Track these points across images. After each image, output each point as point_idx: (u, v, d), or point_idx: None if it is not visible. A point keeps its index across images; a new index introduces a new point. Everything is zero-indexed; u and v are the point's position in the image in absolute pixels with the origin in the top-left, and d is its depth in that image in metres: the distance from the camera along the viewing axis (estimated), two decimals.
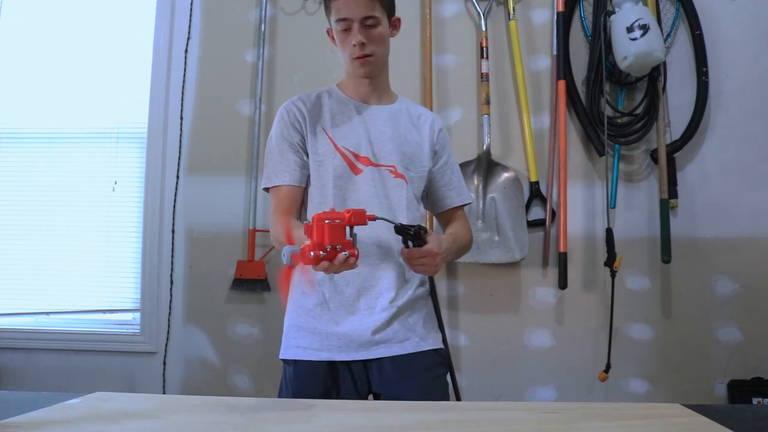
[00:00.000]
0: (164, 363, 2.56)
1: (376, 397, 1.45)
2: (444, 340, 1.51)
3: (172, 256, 2.59)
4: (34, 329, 2.63)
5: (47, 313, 2.66)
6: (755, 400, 2.36)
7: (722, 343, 2.45)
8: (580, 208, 2.52)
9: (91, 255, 2.68)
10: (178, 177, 2.62)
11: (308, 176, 1.49)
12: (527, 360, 2.48)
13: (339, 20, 1.43)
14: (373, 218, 1.23)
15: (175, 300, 2.58)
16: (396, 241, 1.41)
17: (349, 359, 1.41)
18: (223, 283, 2.55)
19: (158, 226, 2.61)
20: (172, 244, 2.60)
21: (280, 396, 1.49)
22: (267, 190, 1.51)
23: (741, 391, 2.39)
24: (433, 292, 1.51)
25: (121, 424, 0.91)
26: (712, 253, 2.48)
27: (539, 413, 1.03)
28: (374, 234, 1.41)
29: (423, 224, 1.46)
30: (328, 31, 1.52)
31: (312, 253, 1.11)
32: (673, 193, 2.46)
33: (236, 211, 2.59)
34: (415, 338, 1.44)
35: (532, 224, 2.49)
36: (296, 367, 1.45)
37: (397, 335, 1.42)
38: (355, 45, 1.43)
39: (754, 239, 2.48)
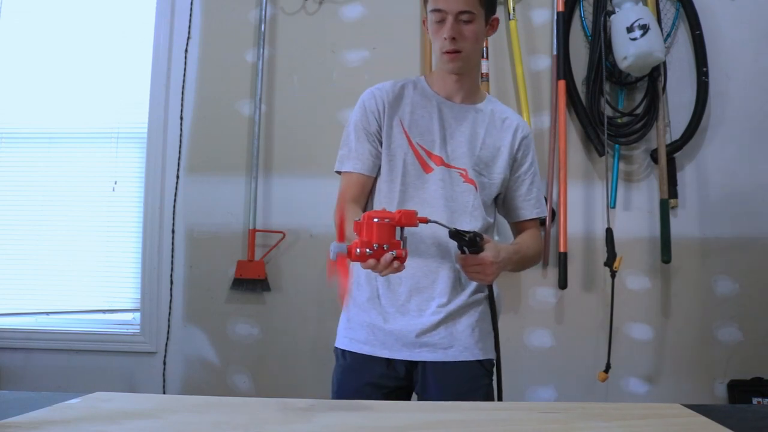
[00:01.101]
0: (164, 363, 2.56)
1: (418, 399, 1.45)
2: (497, 347, 1.47)
3: (172, 256, 2.59)
4: (34, 329, 2.63)
5: (47, 313, 2.66)
6: (755, 400, 2.36)
7: (722, 343, 2.46)
8: (580, 208, 2.52)
9: (91, 255, 2.68)
10: (178, 177, 2.62)
11: (379, 167, 1.47)
12: (527, 360, 2.48)
13: (434, 11, 1.39)
14: (426, 221, 1.21)
15: (175, 300, 2.58)
16: (455, 245, 1.38)
17: (392, 357, 1.41)
18: (223, 283, 2.55)
19: (158, 226, 2.61)
20: (172, 244, 2.60)
21: (332, 385, 1.50)
22: (339, 173, 1.50)
23: (741, 391, 2.39)
24: (491, 300, 1.46)
25: (121, 424, 0.91)
26: (712, 253, 2.48)
27: (539, 413, 1.02)
28: (434, 235, 1.39)
29: (491, 233, 1.45)
30: (423, 21, 1.49)
31: (358, 250, 1.12)
32: (673, 193, 2.47)
33: (236, 211, 2.59)
34: (459, 346, 1.42)
35: None
36: (345, 357, 1.46)
37: (442, 341, 1.41)
38: (446, 38, 1.38)
39: (754, 239, 2.48)
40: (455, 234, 1.29)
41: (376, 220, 1.12)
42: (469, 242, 1.29)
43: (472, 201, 1.44)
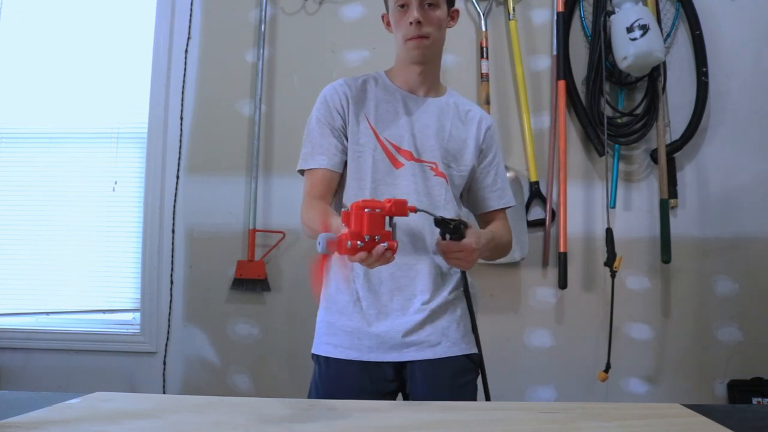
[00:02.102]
0: (164, 363, 2.56)
1: (406, 399, 1.43)
2: (477, 342, 1.46)
3: (172, 256, 2.60)
4: (34, 329, 2.63)
5: (47, 313, 2.66)
6: (755, 400, 2.36)
7: (722, 343, 2.46)
8: (580, 208, 2.52)
9: (91, 255, 2.68)
10: (178, 177, 2.62)
11: (345, 163, 1.43)
12: (527, 360, 2.48)
13: None
14: (414, 210, 1.18)
15: (175, 300, 2.58)
16: (432, 238, 1.38)
17: (380, 360, 1.39)
18: (223, 283, 2.55)
19: (158, 226, 2.61)
20: (172, 244, 2.60)
21: (310, 394, 1.47)
22: (302, 173, 1.45)
23: (741, 391, 2.39)
24: (467, 292, 1.43)
25: (121, 424, 0.91)
26: (711, 253, 2.48)
27: (539, 413, 1.03)
28: (408, 228, 1.37)
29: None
30: (383, 16, 1.48)
31: (349, 243, 1.05)
32: (672, 193, 2.47)
33: (236, 211, 2.59)
34: (447, 342, 1.40)
35: (532, 224, 2.49)
36: (327, 364, 1.43)
37: (429, 338, 1.39)
38: (411, 23, 1.37)
39: (754, 239, 2.48)
40: (441, 222, 1.28)
41: (366, 210, 1.07)
42: (453, 229, 1.27)
43: (444, 194, 1.43)
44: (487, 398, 1.44)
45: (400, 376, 1.41)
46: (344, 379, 1.40)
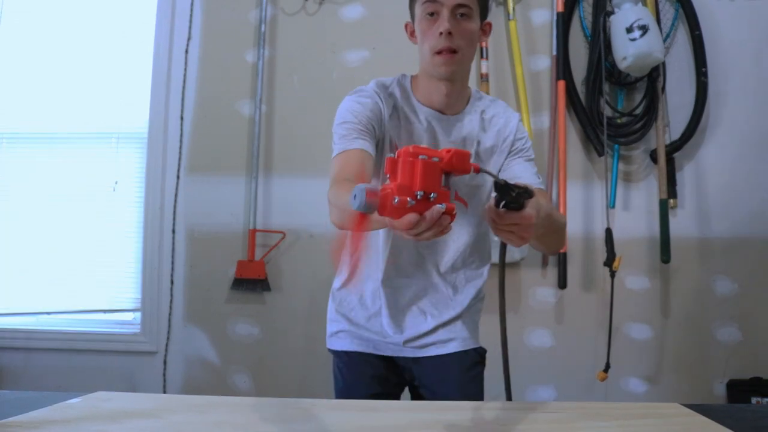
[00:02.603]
0: (165, 363, 2.56)
1: (415, 389, 1.46)
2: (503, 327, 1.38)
3: (173, 256, 2.60)
4: (34, 329, 2.63)
5: (48, 313, 2.66)
6: (754, 400, 2.36)
7: (721, 343, 2.46)
8: (580, 208, 2.52)
9: (91, 255, 2.68)
10: (178, 177, 2.62)
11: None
12: (527, 360, 2.49)
13: (426, 2, 1.25)
14: (477, 169, 0.92)
15: (175, 300, 2.59)
16: (431, 255, 1.34)
17: (393, 355, 1.42)
18: (223, 283, 2.55)
19: (158, 226, 2.61)
20: (173, 244, 2.60)
21: (336, 386, 1.47)
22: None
23: (740, 390, 2.40)
24: (502, 264, 1.21)
25: (122, 423, 0.91)
26: (711, 253, 2.49)
27: (539, 413, 1.03)
28: (414, 245, 1.34)
29: (486, 239, 1.40)
30: (406, 25, 1.35)
31: (397, 199, 0.77)
32: (672, 193, 2.47)
33: (236, 211, 2.59)
34: (458, 339, 1.41)
35: None
36: (347, 356, 1.44)
37: (440, 338, 1.41)
38: (441, 33, 1.23)
39: (754, 239, 2.48)
40: (504, 187, 1.00)
41: (421, 157, 0.80)
42: (516, 197, 1.00)
43: (467, 219, 1.40)
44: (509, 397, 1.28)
45: (412, 371, 1.43)
46: (364, 367, 1.42)
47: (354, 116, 1.27)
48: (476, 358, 1.45)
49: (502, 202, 1.00)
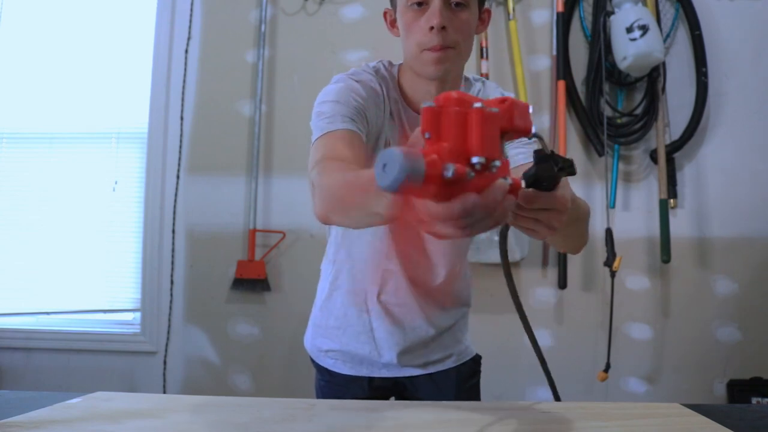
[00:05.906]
0: (164, 363, 2.56)
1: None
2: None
3: (173, 256, 2.60)
4: (34, 329, 2.63)
5: (48, 313, 2.67)
6: (754, 400, 2.36)
7: (721, 343, 2.46)
8: None
9: (91, 255, 2.68)
10: (178, 177, 2.62)
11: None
12: (527, 360, 2.48)
13: None
14: (531, 132, 0.68)
15: (175, 300, 2.59)
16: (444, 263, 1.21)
17: (385, 376, 1.32)
18: (223, 283, 2.55)
19: (158, 226, 2.61)
20: (173, 244, 2.60)
21: (317, 394, 1.42)
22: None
23: (740, 390, 2.40)
24: (504, 254, 0.96)
25: (122, 423, 0.91)
26: (711, 253, 2.49)
27: (539, 413, 1.03)
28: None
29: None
30: (385, 14, 1.15)
31: (452, 169, 0.52)
32: (672, 193, 2.47)
33: (236, 211, 2.59)
34: (454, 355, 1.34)
35: None
36: (329, 375, 1.37)
37: (435, 355, 1.32)
38: (432, 28, 1.02)
39: (754, 239, 2.48)
40: (550, 157, 0.76)
41: (478, 105, 0.56)
42: (560, 171, 0.77)
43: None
44: (557, 398, 1.16)
45: (404, 386, 1.35)
46: (347, 387, 1.35)
47: (343, 97, 1.08)
48: (473, 367, 1.40)
49: (533, 181, 0.76)
